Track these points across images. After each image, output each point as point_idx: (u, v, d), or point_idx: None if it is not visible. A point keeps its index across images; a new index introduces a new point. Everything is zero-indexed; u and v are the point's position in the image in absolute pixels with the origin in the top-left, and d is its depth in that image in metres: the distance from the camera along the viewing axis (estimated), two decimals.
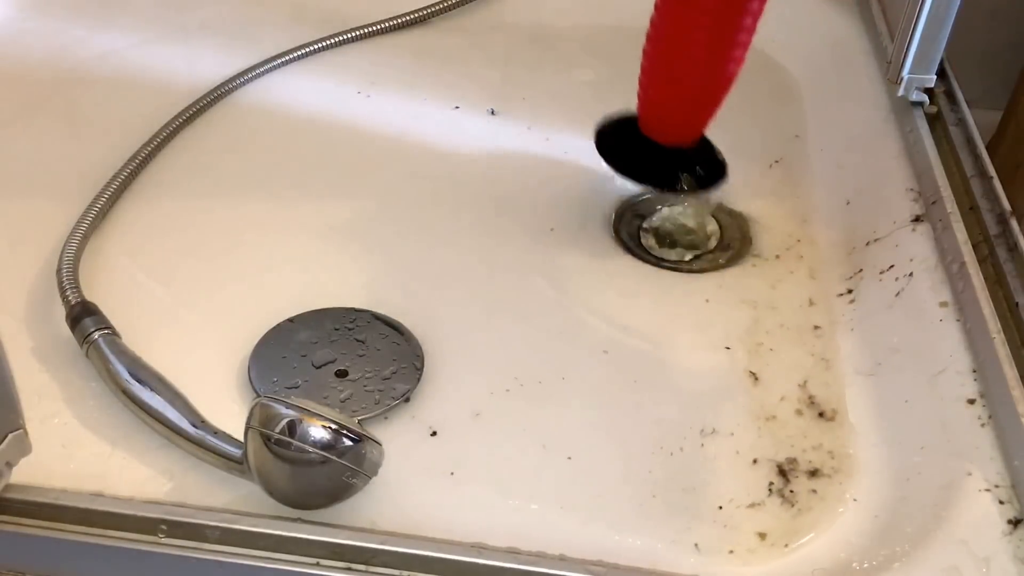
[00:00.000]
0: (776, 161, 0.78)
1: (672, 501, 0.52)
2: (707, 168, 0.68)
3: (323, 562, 0.47)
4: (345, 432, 0.47)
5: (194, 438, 0.52)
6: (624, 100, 0.65)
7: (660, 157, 0.67)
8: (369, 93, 0.84)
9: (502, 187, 0.74)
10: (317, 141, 0.79)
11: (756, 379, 0.59)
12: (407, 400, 0.57)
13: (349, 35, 0.89)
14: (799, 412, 0.57)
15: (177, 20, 0.92)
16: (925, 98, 0.71)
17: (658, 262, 0.68)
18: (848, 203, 0.71)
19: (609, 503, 0.52)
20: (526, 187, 0.74)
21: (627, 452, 0.55)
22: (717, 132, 0.75)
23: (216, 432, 0.52)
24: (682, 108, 0.65)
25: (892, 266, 0.63)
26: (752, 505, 0.52)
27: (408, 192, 0.74)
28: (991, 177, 0.63)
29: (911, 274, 0.61)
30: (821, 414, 0.57)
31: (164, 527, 0.47)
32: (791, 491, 0.53)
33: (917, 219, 0.64)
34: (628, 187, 0.74)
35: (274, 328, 0.61)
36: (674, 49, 0.61)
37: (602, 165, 0.70)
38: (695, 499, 0.53)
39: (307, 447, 0.46)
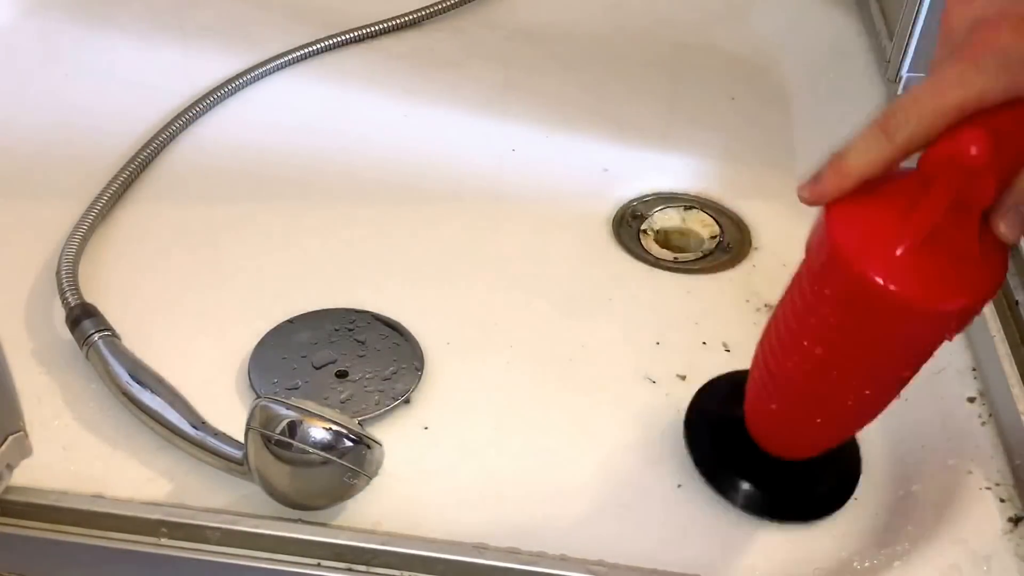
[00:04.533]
0: (775, 161, 0.78)
1: (675, 498, 0.53)
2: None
3: (324, 563, 0.47)
4: (345, 433, 0.47)
5: (194, 439, 0.52)
6: (622, 100, 0.64)
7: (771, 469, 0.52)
8: (370, 96, 0.84)
9: (502, 188, 0.74)
10: (317, 142, 0.79)
11: None
12: (407, 401, 0.57)
13: (349, 36, 0.89)
14: None
15: (176, 21, 0.92)
16: None
17: (657, 263, 0.68)
18: None
19: (611, 502, 0.53)
20: (526, 188, 0.74)
21: (631, 450, 0.55)
22: (716, 133, 0.75)
23: (216, 433, 0.52)
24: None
25: None
26: None
27: (408, 193, 0.74)
28: None
29: None
30: None
31: (165, 528, 0.47)
32: None
33: None
34: (627, 188, 0.73)
35: (274, 329, 0.61)
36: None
37: (601, 165, 0.69)
38: (695, 497, 0.53)
39: (307, 448, 0.46)
